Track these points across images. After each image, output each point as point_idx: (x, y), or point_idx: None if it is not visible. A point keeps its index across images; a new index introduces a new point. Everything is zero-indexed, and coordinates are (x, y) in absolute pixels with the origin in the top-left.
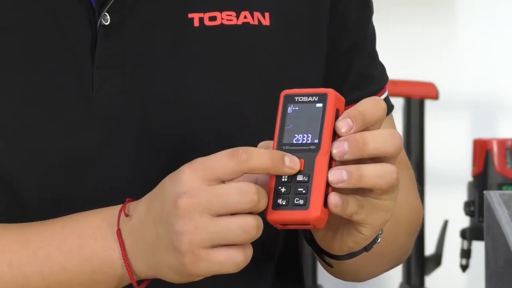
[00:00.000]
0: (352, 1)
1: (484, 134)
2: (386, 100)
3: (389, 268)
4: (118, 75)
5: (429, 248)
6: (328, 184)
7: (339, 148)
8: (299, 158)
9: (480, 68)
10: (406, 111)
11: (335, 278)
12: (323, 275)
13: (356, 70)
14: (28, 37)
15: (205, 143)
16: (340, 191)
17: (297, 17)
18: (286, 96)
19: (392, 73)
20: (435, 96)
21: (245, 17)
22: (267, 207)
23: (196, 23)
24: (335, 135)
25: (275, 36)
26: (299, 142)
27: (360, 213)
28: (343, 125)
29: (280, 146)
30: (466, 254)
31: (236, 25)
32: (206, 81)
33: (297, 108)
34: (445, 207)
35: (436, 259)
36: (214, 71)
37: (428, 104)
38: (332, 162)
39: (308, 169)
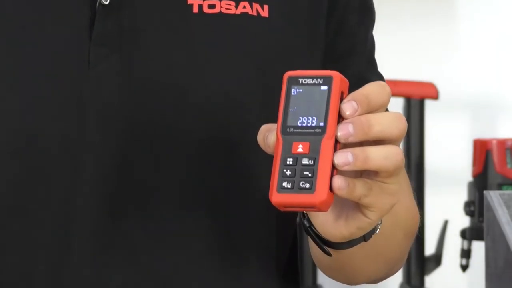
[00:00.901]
0: (352, 4)
1: (484, 134)
2: None
3: (385, 272)
4: (114, 55)
5: (429, 248)
6: (333, 167)
7: (344, 131)
8: (304, 141)
9: (480, 68)
10: (406, 111)
11: None
12: (323, 275)
13: (354, 73)
14: (26, 14)
15: (197, 128)
16: (346, 174)
17: (296, 11)
18: (290, 78)
19: (392, 73)
20: (435, 96)
21: (244, 7)
22: (271, 189)
23: (195, 9)
24: (340, 118)
25: (273, 28)
26: (304, 124)
27: (369, 195)
28: (348, 108)
29: (284, 128)
30: (466, 254)
31: (234, 14)
32: (202, 67)
33: (301, 90)
34: (445, 207)
35: (436, 259)
36: (210, 57)
37: (428, 104)
38: (337, 145)
39: (313, 152)
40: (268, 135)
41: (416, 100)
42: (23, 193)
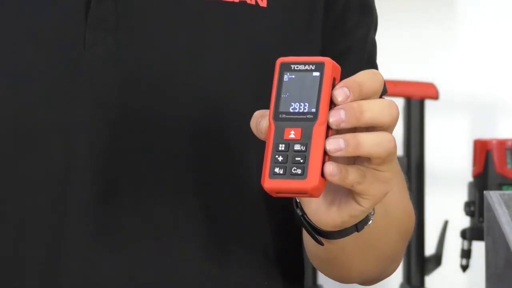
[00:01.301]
0: (352, 4)
1: (484, 134)
2: None
3: (378, 271)
4: (110, 38)
5: (429, 248)
6: (325, 154)
7: (336, 117)
8: (296, 127)
9: (480, 68)
10: (406, 111)
11: None
12: (323, 275)
13: (351, 71)
14: None
15: (191, 113)
16: (338, 161)
17: (294, 3)
18: (282, 64)
19: (392, 73)
20: (435, 96)
21: None
22: (263, 175)
23: None
24: (332, 104)
25: (270, 18)
26: (296, 111)
27: (362, 183)
28: (339, 94)
29: (276, 114)
30: (466, 254)
31: (233, 2)
32: (197, 54)
33: (293, 76)
34: (445, 207)
35: (436, 259)
36: (207, 44)
37: (428, 104)
38: (328, 131)
39: (305, 139)
40: (261, 121)
41: (416, 100)
42: (15, 177)
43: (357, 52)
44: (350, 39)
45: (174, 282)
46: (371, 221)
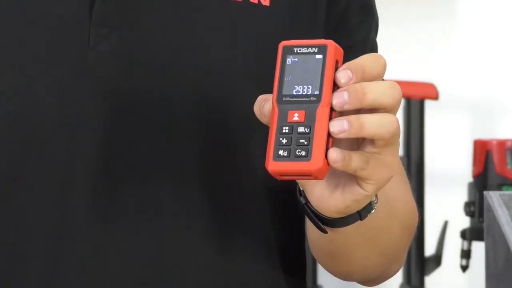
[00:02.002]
0: (354, 4)
1: (484, 134)
2: None
3: (380, 269)
4: (114, 35)
5: (429, 249)
6: (329, 135)
7: (339, 98)
8: (299, 109)
9: (480, 68)
10: (406, 111)
11: (335, 278)
12: (323, 275)
13: None
14: None
15: (195, 107)
16: (342, 146)
17: (297, 2)
18: (285, 47)
19: (392, 73)
20: (435, 96)
21: None
22: (267, 158)
23: None
24: (335, 87)
25: (273, 17)
26: (299, 93)
27: (366, 168)
28: (342, 76)
29: (280, 97)
30: (466, 254)
31: (235, 1)
32: (201, 49)
33: (296, 59)
34: (445, 207)
35: (436, 260)
36: (210, 40)
37: (428, 104)
38: (332, 113)
39: (309, 121)
40: (264, 105)
41: (416, 100)
42: (18, 170)
43: (357, 52)
44: (351, 39)
45: (175, 270)
46: (374, 209)
